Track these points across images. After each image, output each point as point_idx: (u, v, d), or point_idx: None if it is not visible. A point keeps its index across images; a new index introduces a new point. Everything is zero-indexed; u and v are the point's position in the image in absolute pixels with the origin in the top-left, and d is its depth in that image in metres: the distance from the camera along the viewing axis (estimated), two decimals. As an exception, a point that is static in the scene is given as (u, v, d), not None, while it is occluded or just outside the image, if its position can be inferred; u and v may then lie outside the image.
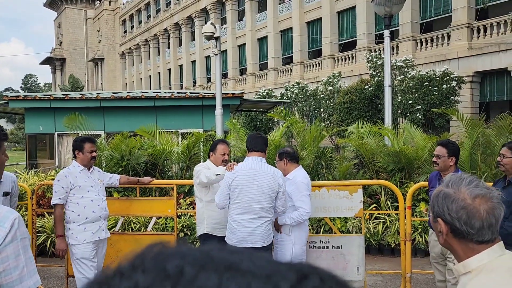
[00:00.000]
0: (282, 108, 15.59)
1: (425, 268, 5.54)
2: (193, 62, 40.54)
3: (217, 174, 4.01)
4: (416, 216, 5.94)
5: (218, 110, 8.67)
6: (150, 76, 48.94)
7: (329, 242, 4.56)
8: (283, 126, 8.34)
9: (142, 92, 11.18)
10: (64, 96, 10.23)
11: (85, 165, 4.10)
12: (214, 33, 8.40)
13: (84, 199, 4.01)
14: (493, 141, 6.80)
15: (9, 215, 1.49)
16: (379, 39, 22.14)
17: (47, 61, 67.25)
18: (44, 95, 10.30)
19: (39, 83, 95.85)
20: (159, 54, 46.98)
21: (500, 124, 6.80)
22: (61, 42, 65.42)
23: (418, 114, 14.46)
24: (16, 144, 52.23)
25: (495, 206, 1.30)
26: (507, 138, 6.69)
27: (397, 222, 6.36)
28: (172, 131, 8.90)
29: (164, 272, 0.32)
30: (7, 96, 9.98)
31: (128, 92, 11.05)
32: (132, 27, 53.36)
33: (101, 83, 59.80)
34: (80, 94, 10.54)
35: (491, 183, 3.88)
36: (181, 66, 42.61)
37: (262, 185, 3.68)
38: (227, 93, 10.73)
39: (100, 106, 10.42)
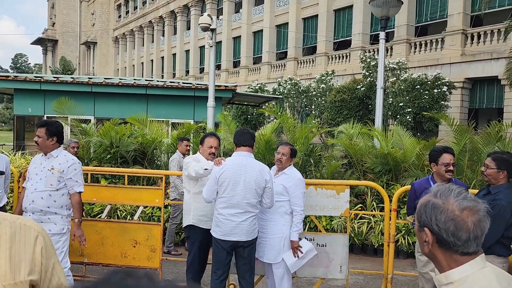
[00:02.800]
0: (273, 103, 15.61)
1: (407, 270, 5.63)
2: (187, 51, 40.27)
3: (205, 169, 4.02)
4: (401, 218, 6.02)
5: (211, 102, 8.65)
6: (142, 63, 48.50)
7: (314, 240, 4.60)
8: (275, 122, 8.35)
9: (135, 79, 11.09)
10: (55, 79, 10.10)
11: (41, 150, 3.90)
12: (210, 25, 8.36)
13: (27, 187, 3.89)
14: (481, 148, 6.90)
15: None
16: (374, 39, 22.22)
17: (38, 41, 66.16)
18: (35, 76, 10.16)
19: (29, 63, 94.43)
20: (153, 41, 46.55)
21: (489, 132, 6.90)
22: (54, 23, 64.40)
23: (408, 117, 14.59)
24: (3, 124, 51.50)
25: (482, 219, 1.31)
26: (494, 146, 6.80)
27: (381, 223, 6.44)
28: (163, 120, 8.86)
29: None
30: (-4, 75, 9.84)
31: (120, 79, 10.95)
32: (127, 12, 52.74)
33: (93, 67, 59.11)
34: (72, 78, 10.41)
35: (476, 191, 3.95)
36: (174, 54, 42.30)
37: (249, 180, 3.71)
38: (220, 86, 10.70)
39: (91, 91, 10.31)
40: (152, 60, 46.67)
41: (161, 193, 4.76)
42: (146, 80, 11.02)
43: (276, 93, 20.01)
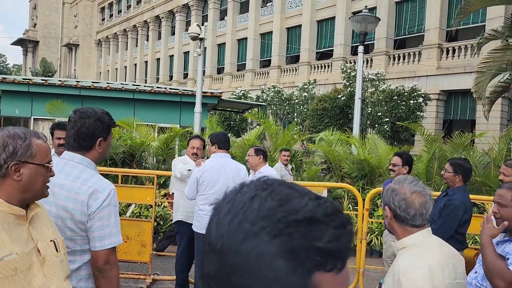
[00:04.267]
0: (256, 110, 16.02)
1: (379, 266, 6.08)
2: (171, 56, 40.46)
3: (189, 170, 4.44)
4: (374, 218, 6.47)
5: (198, 108, 9.00)
6: (126, 67, 48.42)
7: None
8: (259, 128, 8.77)
9: (122, 83, 11.36)
10: (44, 81, 10.30)
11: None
12: (199, 34, 8.74)
13: None
14: (449, 156, 7.44)
15: (108, 186, 1.98)
16: (355, 51, 22.93)
17: (19, 42, 65.26)
18: (23, 78, 10.34)
19: (7, 64, 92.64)
20: (136, 46, 46.56)
21: (456, 142, 7.47)
22: (35, 24, 63.68)
23: (385, 126, 15.20)
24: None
25: (427, 201, 1.81)
26: (461, 154, 7.36)
27: (356, 224, 6.89)
28: (150, 125, 9.16)
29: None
30: (-15, 76, 9.97)
31: (107, 83, 11.21)
32: (111, 15, 52.62)
33: (74, 70, 58.60)
34: (60, 80, 10.63)
35: (439, 193, 4.43)
36: (158, 59, 42.43)
37: (228, 178, 4.12)
38: (206, 92, 11.06)
39: (79, 95, 10.55)
40: (135, 64, 46.63)
41: (153, 192, 5.09)
42: (133, 85, 11.31)
43: (260, 100, 20.46)
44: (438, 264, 1.71)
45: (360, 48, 9.13)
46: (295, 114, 19.71)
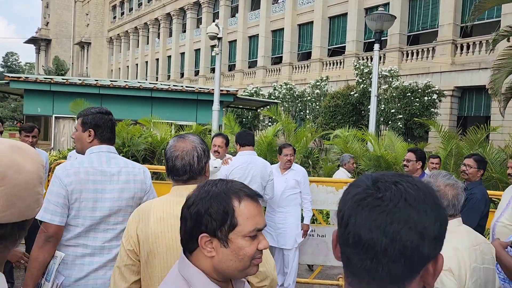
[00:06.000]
0: (268, 107, 16.15)
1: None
2: (182, 54, 40.67)
3: (215, 167, 4.58)
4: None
5: (216, 105, 9.16)
6: (137, 64, 48.77)
7: (314, 231, 5.14)
8: (275, 125, 8.89)
9: (139, 82, 11.57)
10: (65, 80, 10.55)
11: None
12: (217, 34, 8.89)
13: None
14: (465, 153, 7.50)
15: (148, 174, 2.39)
16: (368, 47, 22.90)
17: (32, 40, 66.09)
18: (45, 78, 10.59)
19: (20, 62, 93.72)
20: (148, 43, 46.87)
21: (472, 138, 7.52)
22: (48, 23, 64.41)
23: (399, 123, 15.21)
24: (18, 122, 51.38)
25: (459, 193, 1.97)
26: (476, 150, 7.41)
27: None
28: (170, 123, 9.35)
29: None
30: (8, 76, 10.23)
31: (125, 81, 11.43)
32: (122, 13, 53.01)
33: (86, 67, 59.19)
34: (79, 79, 10.86)
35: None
36: (169, 57, 42.67)
37: (255, 174, 4.25)
38: (222, 90, 11.22)
39: (99, 93, 10.77)
40: (146, 62, 46.96)
41: (178, 188, 5.26)
42: (150, 83, 11.51)
43: (272, 97, 20.57)
44: (465, 248, 1.84)
45: (376, 47, 9.20)
46: (308, 111, 19.79)
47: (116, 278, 1.71)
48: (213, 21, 9.65)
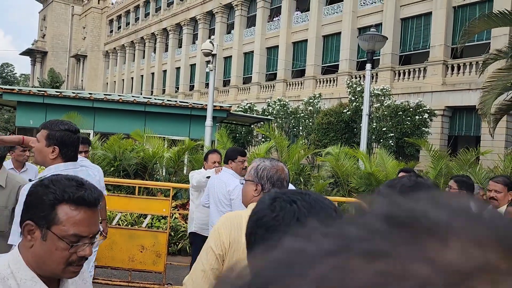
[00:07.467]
0: (262, 124, 16.26)
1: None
2: (178, 68, 40.90)
3: (207, 177, 4.58)
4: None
5: (208, 121, 9.23)
6: (132, 78, 48.94)
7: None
8: (269, 142, 8.96)
9: (133, 96, 11.62)
10: (58, 93, 10.58)
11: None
12: (212, 51, 9.01)
13: None
14: (455, 172, 7.59)
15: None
16: (361, 65, 23.20)
17: (28, 52, 66.18)
18: (39, 90, 10.62)
19: (15, 73, 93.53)
20: (143, 57, 47.12)
21: (462, 158, 7.62)
22: (44, 35, 64.61)
23: (390, 141, 15.36)
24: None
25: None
26: (466, 171, 7.50)
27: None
28: (163, 137, 9.38)
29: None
30: (1, 88, 10.25)
31: (119, 95, 11.47)
32: (119, 27, 53.38)
33: (82, 80, 59.25)
34: (73, 92, 10.89)
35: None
36: (165, 71, 42.89)
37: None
38: (216, 106, 11.30)
39: (92, 107, 10.80)
40: (142, 76, 47.13)
41: (169, 203, 5.27)
42: (145, 97, 11.57)
43: (266, 113, 20.70)
44: None
45: (368, 66, 9.35)
46: (301, 128, 19.91)
47: (200, 280, 1.67)
48: (209, 37, 9.79)
